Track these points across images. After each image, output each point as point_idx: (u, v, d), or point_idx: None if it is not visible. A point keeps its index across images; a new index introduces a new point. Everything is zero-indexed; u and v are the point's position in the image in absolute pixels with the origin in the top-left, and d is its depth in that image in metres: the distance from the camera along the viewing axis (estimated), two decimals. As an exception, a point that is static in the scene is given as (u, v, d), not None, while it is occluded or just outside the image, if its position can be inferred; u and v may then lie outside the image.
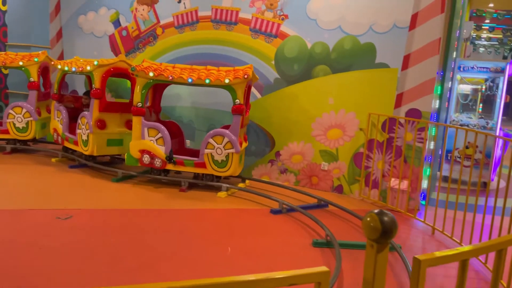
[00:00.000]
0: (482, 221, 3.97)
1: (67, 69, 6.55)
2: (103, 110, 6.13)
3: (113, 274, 3.30)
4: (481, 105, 7.67)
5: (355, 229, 4.63)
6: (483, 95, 7.55)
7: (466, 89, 7.70)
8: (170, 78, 5.47)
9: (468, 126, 7.10)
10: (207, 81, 5.35)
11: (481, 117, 7.51)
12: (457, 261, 1.33)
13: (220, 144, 5.41)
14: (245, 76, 5.25)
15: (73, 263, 3.43)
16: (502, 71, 7.12)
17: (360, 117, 5.69)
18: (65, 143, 6.72)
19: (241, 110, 5.36)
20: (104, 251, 3.69)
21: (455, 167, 6.60)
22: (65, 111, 6.68)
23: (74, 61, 6.64)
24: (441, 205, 4.79)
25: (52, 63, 7.03)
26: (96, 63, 6.03)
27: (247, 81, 5.34)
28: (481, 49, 14.43)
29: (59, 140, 6.81)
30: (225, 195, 5.51)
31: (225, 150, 5.40)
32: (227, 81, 5.27)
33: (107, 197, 5.21)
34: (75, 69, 6.39)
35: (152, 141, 5.65)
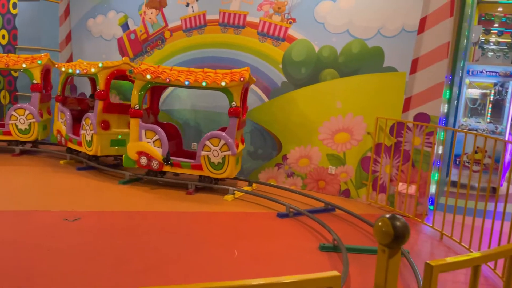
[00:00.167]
0: (491, 227, 3.93)
1: (71, 71, 6.61)
2: (107, 111, 6.20)
3: (119, 276, 3.31)
4: (490, 109, 7.60)
5: (362, 233, 4.60)
6: (492, 100, 7.49)
7: (474, 93, 7.65)
8: (167, 80, 5.50)
9: (476, 130, 7.04)
10: (203, 84, 5.36)
11: (490, 122, 7.45)
12: (469, 267, 1.31)
13: (216, 146, 5.42)
14: (241, 78, 5.24)
15: (80, 264, 3.44)
16: (511, 75, 7.06)
17: (367, 121, 5.67)
18: (68, 144, 6.78)
19: (237, 112, 5.36)
20: (111, 253, 3.70)
21: (464, 172, 6.55)
22: (68, 113, 6.74)
23: (77, 64, 6.71)
24: (449, 210, 4.75)
25: (56, 65, 7.10)
26: (100, 65, 6.11)
27: (243, 83, 5.32)
28: (490, 53, 14.32)
29: (63, 141, 6.87)
30: (232, 198, 5.50)
31: (221, 152, 5.40)
32: (223, 83, 5.28)
33: (115, 199, 5.23)
34: (79, 71, 6.45)
35: (149, 143, 5.68)
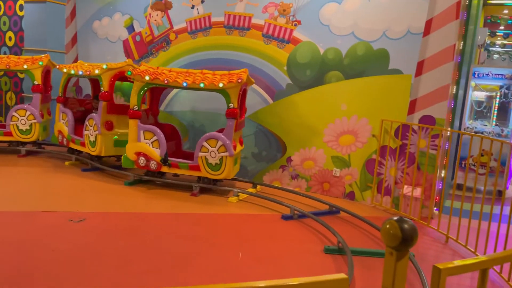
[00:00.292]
0: (497, 230, 3.90)
1: (73, 72, 6.65)
2: (111, 112, 6.26)
3: (124, 277, 3.31)
4: (495, 112, 7.56)
5: (367, 236, 4.58)
6: (497, 102, 7.45)
7: (480, 96, 7.61)
8: (165, 82, 5.53)
9: (482, 133, 7.00)
10: (201, 85, 5.38)
11: (496, 125, 7.41)
12: (477, 270, 1.30)
13: (214, 147, 5.42)
14: (239, 80, 5.23)
15: (85, 265, 3.45)
16: (517, 78, 7.03)
17: (372, 123, 5.65)
18: (70, 145, 6.83)
19: (235, 114, 5.36)
20: (115, 254, 3.71)
21: (470, 175, 6.51)
22: (70, 113, 6.79)
23: (78, 65, 6.76)
24: (455, 213, 4.72)
25: (57, 66, 7.15)
26: (105, 66, 6.17)
27: (240, 85, 5.33)
28: (495, 56, 14.26)
29: (64, 141, 6.92)
30: (236, 200, 5.50)
31: (218, 153, 5.41)
32: (221, 85, 5.28)
33: (119, 201, 5.24)
34: (81, 73, 6.49)
35: (147, 143, 5.71)
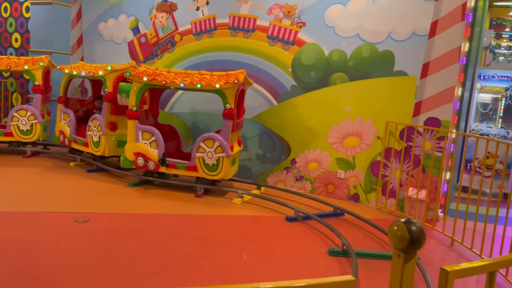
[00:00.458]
0: (503, 233, 3.88)
1: (75, 73, 6.69)
2: (114, 113, 6.33)
3: (129, 278, 3.31)
4: (501, 114, 7.52)
5: (372, 238, 4.56)
6: (503, 104, 7.41)
7: (486, 98, 7.58)
8: (163, 82, 5.55)
9: (488, 135, 6.96)
10: (198, 86, 5.40)
11: (501, 127, 7.37)
12: (484, 272, 1.29)
13: (211, 148, 5.43)
14: (235, 81, 5.24)
15: (90, 266, 3.46)
16: (523, 80, 6.99)
17: (377, 125, 5.64)
18: (72, 145, 6.88)
19: (231, 114, 5.37)
20: (120, 255, 3.71)
21: (475, 177, 6.47)
22: (72, 114, 6.83)
23: (80, 66, 6.80)
24: (460, 216, 4.69)
25: (58, 67, 7.20)
26: (109, 68, 6.22)
27: (237, 86, 5.33)
28: (501, 58, 14.21)
29: (66, 142, 6.96)
30: (241, 201, 5.50)
31: (215, 154, 5.41)
32: (217, 85, 5.29)
33: (124, 202, 5.25)
34: (84, 74, 6.53)
35: (146, 144, 5.75)
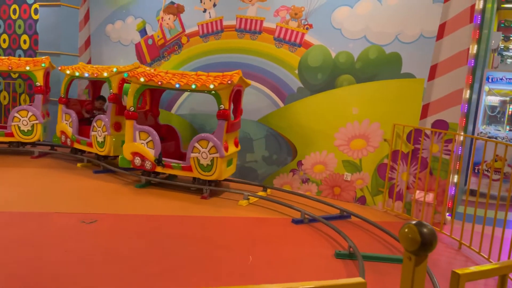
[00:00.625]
0: (511, 237, 3.84)
1: (78, 74, 6.75)
2: (119, 113, 6.40)
3: (135, 278, 3.32)
4: (509, 117, 7.46)
5: (378, 241, 4.54)
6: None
7: (494, 100, 7.52)
8: (159, 83, 5.61)
9: (496, 138, 6.91)
10: (193, 86, 5.44)
11: (510, 130, 7.31)
12: (496, 276, 1.28)
13: (205, 148, 5.45)
14: (229, 81, 5.25)
15: (97, 266, 3.47)
16: (532, 82, 6.93)
17: (384, 128, 5.61)
18: (75, 145, 6.95)
19: (225, 115, 5.38)
20: (126, 255, 3.72)
21: (483, 180, 6.42)
22: (74, 114, 6.90)
23: (81, 67, 6.86)
24: (468, 219, 4.65)
25: (59, 68, 7.27)
26: (115, 70, 6.27)
27: (231, 86, 5.34)
28: (509, 60, 14.12)
29: (68, 142, 7.04)
30: (246, 203, 5.49)
31: (210, 154, 5.44)
32: (211, 86, 5.31)
33: (131, 203, 5.27)
34: (88, 75, 6.59)
35: (143, 144, 5.80)
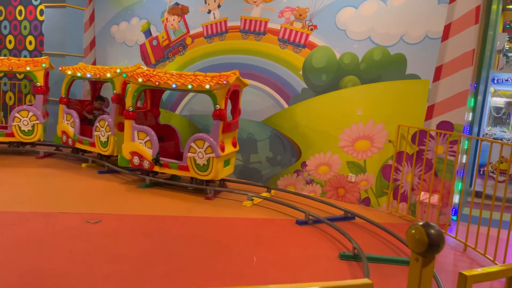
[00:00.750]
0: (518, 239, 3.81)
1: (79, 75, 6.78)
2: (122, 113, 6.43)
3: (140, 279, 3.32)
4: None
5: (383, 242, 4.52)
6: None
7: (499, 102, 7.48)
8: (156, 83, 5.65)
9: (501, 140, 6.88)
10: (189, 87, 5.46)
11: (515, 131, 7.27)
12: (504, 277, 1.27)
13: (201, 148, 5.47)
14: (224, 82, 5.26)
15: (101, 266, 3.47)
16: (538, 84, 6.89)
17: (389, 129, 5.60)
18: (77, 145, 7.01)
19: (221, 115, 5.39)
20: (131, 256, 3.73)
21: (489, 182, 6.39)
22: (75, 114, 6.95)
23: (82, 67, 6.89)
24: (474, 221, 4.63)
25: (59, 68, 7.30)
26: (118, 70, 6.31)
27: (227, 87, 5.35)
28: (514, 62, 14.03)
29: (70, 142, 7.08)
30: (251, 204, 5.49)
31: (206, 154, 5.45)
32: (207, 86, 5.32)
33: (135, 203, 5.28)
34: (90, 75, 6.63)
35: (141, 143, 5.86)
